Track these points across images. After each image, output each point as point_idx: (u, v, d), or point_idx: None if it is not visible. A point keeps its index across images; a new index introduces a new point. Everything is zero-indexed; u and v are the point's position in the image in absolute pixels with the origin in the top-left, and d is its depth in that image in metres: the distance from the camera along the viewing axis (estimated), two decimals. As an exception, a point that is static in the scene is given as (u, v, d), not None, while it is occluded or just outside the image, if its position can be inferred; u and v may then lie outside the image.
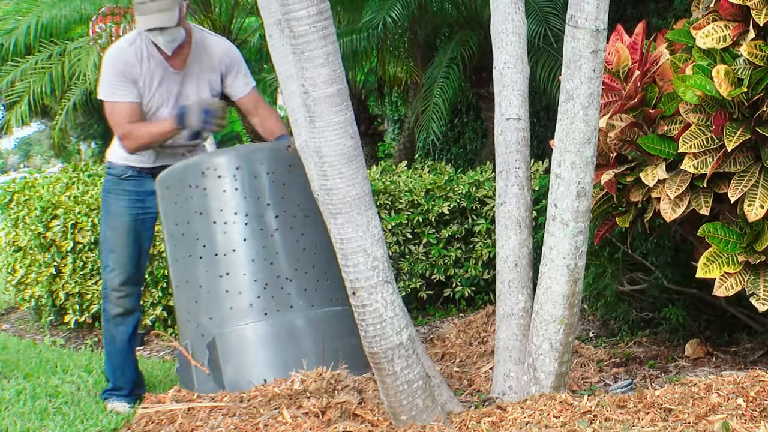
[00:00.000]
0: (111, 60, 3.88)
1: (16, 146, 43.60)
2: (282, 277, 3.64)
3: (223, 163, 3.72)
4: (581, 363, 4.24)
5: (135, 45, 3.88)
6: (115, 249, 3.96)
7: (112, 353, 4.06)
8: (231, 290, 3.63)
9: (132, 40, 3.90)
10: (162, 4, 3.76)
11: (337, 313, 3.70)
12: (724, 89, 3.50)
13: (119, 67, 3.85)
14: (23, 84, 8.57)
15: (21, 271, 6.18)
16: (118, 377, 4.06)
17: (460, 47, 7.34)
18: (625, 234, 4.42)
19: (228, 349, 3.61)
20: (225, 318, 3.63)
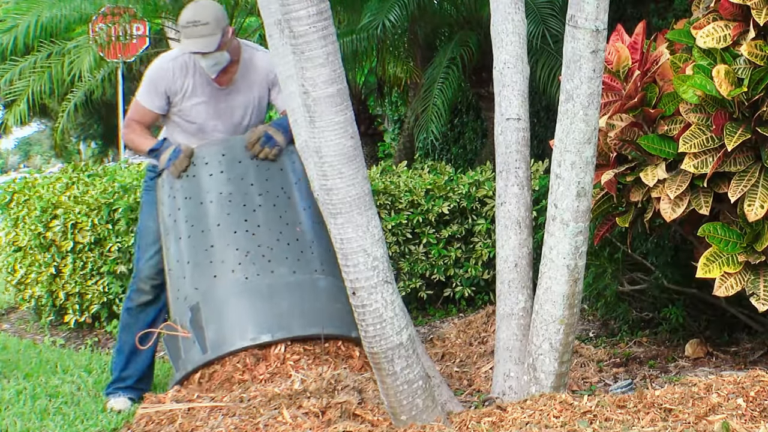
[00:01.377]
0: (154, 68, 4.07)
1: (16, 146, 43.62)
2: (263, 246, 3.76)
3: (209, 152, 3.92)
4: (581, 363, 4.23)
5: (181, 59, 4.01)
6: (157, 238, 4.00)
7: (125, 343, 4.10)
8: (215, 260, 3.76)
9: (177, 54, 4.04)
10: (204, 30, 3.88)
11: (321, 280, 3.81)
12: (725, 89, 3.50)
13: (154, 78, 4.04)
14: (22, 83, 8.57)
15: (21, 271, 6.18)
16: (125, 368, 4.08)
17: (459, 47, 7.34)
18: (625, 234, 4.42)
19: (210, 311, 3.71)
20: (209, 285, 3.75)
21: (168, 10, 8.24)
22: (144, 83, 4.07)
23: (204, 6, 3.97)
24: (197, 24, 3.88)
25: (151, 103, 4.05)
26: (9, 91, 8.73)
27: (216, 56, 3.93)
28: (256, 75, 4.10)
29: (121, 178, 5.90)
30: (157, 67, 4.06)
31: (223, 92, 4.07)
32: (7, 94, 8.85)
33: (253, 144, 3.90)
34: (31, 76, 8.51)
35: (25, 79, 8.56)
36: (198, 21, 3.88)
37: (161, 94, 4.03)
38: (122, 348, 4.12)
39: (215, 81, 4.04)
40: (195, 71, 4.02)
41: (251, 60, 4.10)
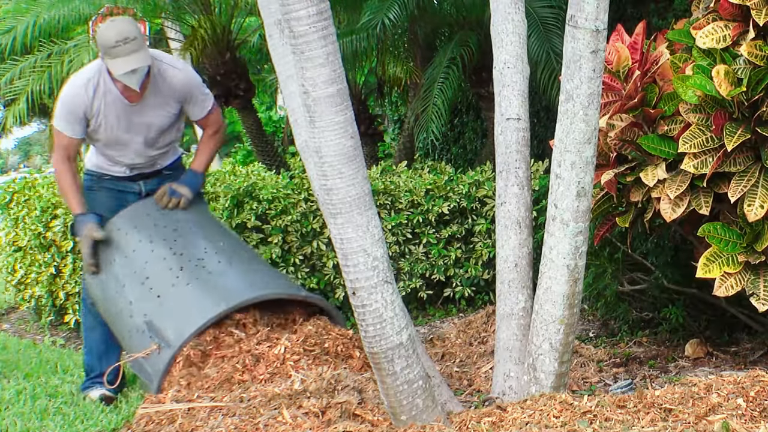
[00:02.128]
0: (66, 96, 4.05)
1: (16, 146, 43.60)
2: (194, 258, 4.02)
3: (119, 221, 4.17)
4: (581, 363, 4.24)
5: (91, 83, 4.01)
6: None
7: (95, 341, 4.21)
8: (154, 285, 3.95)
9: (89, 78, 4.02)
10: (134, 45, 3.89)
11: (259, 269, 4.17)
12: (724, 89, 3.50)
13: (70, 106, 4.03)
14: (21, 82, 8.56)
15: (21, 271, 6.18)
16: (102, 365, 4.15)
17: (459, 47, 7.33)
18: (625, 234, 4.42)
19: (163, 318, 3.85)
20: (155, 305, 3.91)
21: (168, 10, 8.25)
22: (61, 112, 4.06)
23: (124, 22, 3.99)
24: (127, 41, 3.88)
25: (74, 132, 4.07)
26: (9, 90, 8.73)
27: (142, 69, 3.95)
28: (168, 89, 4.12)
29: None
30: (71, 95, 4.04)
31: (134, 108, 4.08)
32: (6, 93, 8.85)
33: (161, 198, 4.15)
34: (31, 75, 8.50)
35: (25, 78, 8.55)
36: (127, 37, 3.88)
37: (81, 119, 4.04)
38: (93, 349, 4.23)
39: (125, 96, 4.05)
40: (105, 91, 4.02)
41: (161, 74, 4.11)
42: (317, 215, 5.54)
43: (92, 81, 4.01)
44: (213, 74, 7.92)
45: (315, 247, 5.56)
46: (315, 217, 5.56)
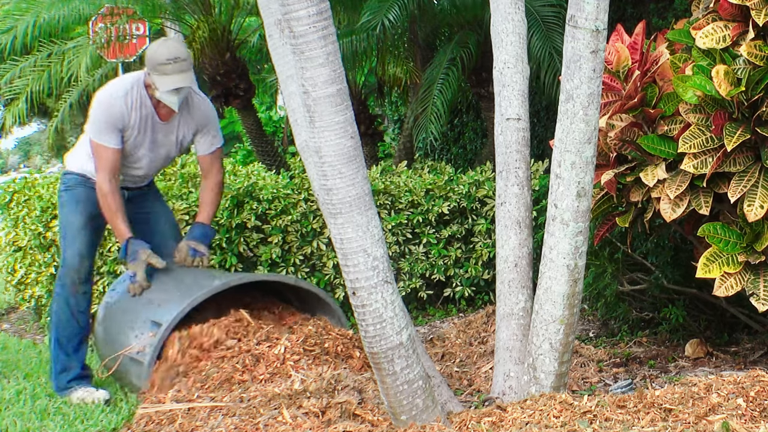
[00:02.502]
0: (104, 106, 4.07)
1: (16, 146, 43.58)
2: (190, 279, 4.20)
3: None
4: (581, 363, 4.24)
5: (130, 95, 4.07)
6: (84, 229, 4.18)
7: (72, 337, 4.19)
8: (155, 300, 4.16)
9: (128, 90, 4.07)
10: (184, 65, 4.00)
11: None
12: (724, 89, 3.50)
13: (109, 116, 4.05)
14: (21, 81, 8.57)
15: (21, 271, 6.18)
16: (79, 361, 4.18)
17: (459, 48, 7.33)
18: (625, 234, 4.42)
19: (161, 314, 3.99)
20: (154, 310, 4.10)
21: (168, 10, 8.24)
22: (101, 124, 4.06)
23: (176, 42, 4.12)
24: (177, 60, 3.98)
25: (116, 142, 4.08)
26: (8, 89, 8.73)
27: (186, 90, 4.05)
28: (189, 116, 4.24)
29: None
30: (109, 105, 4.05)
31: (162, 126, 4.18)
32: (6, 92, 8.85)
33: (185, 260, 4.24)
34: (31, 75, 8.50)
35: (25, 78, 8.56)
36: (178, 57, 3.98)
37: (119, 131, 4.07)
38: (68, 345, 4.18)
39: (159, 114, 4.13)
40: (141, 105, 4.09)
41: (190, 99, 4.23)
42: (317, 215, 5.54)
43: (130, 93, 4.07)
44: (213, 74, 7.91)
45: (315, 247, 5.56)
46: (315, 217, 5.56)
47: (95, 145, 4.08)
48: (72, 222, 4.22)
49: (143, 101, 4.09)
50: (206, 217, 4.35)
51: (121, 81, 4.17)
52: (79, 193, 4.23)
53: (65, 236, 4.25)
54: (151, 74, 4.01)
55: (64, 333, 4.20)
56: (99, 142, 4.07)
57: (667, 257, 4.68)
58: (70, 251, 4.19)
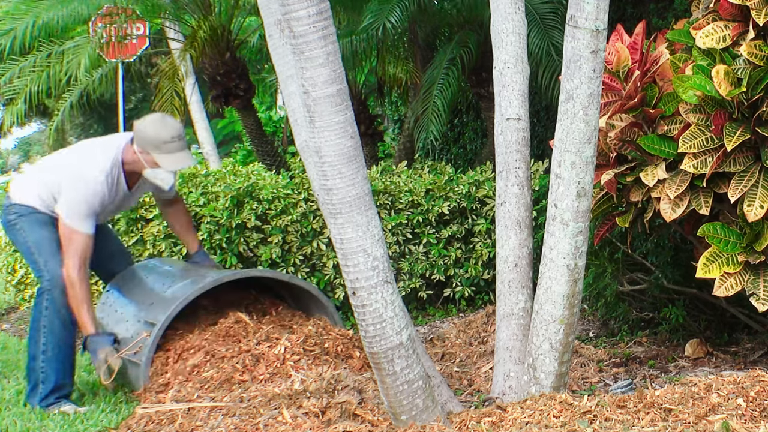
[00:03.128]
0: (86, 192, 3.96)
1: (16, 146, 43.57)
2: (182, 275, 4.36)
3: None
4: (581, 363, 4.24)
5: (109, 176, 4.03)
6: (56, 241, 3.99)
7: (62, 348, 4.00)
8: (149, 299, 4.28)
9: (107, 172, 4.02)
10: (184, 143, 4.06)
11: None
12: (724, 89, 3.50)
13: (91, 204, 3.97)
14: (20, 82, 8.57)
15: (21, 271, 6.18)
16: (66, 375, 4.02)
17: (459, 48, 7.33)
18: (625, 234, 4.42)
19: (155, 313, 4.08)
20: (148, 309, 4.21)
21: (168, 10, 8.24)
22: (80, 209, 3.93)
23: (172, 119, 4.14)
24: (180, 138, 4.02)
25: (92, 228, 3.98)
26: (8, 89, 8.73)
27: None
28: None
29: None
30: (93, 193, 3.96)
31: (127, 194, 4.21)
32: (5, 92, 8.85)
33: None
34: (30, 75, 8.50)
35: (24, 78, 8.56)
36: (180, 135, 4.03)
37: (96, 215, 4.01)
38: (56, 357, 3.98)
39: (128, 185, 4.15)
40: (117, 182, 4.08)
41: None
42: (317, 215, 5.54)
43: (110, 175, 4.03)
44: (213, 74, 7.92)
45: (315, 247, 5.56)
46: (315, 217, 5.56)
47: (69, 229, 3.94)
48: (42, 235, 4.05)
49: (119, 179, 4.08)
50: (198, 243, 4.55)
51: (101, 161, 4.03)
52: (36, 218, 4.08)
53: (41, 251, 4.04)
54: (151, 153, 3.98)
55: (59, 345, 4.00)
56: (75, 228, 3.93)
57: (667, 257, 4.68)
58: (53, 262, 3.99)
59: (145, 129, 3.99)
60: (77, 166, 4.03)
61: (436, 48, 8.35)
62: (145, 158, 4.01)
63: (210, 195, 5.56)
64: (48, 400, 3.94)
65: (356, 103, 9.13)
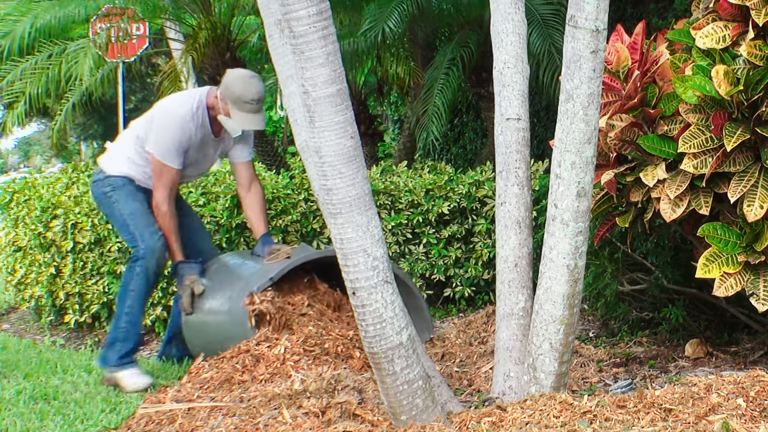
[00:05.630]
0: (173, 127, 4.21)
1: (16, 146, 43.60)
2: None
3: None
4: (581, 363, 4.24)
5: (195, 116, 4.24)
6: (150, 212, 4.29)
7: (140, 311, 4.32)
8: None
9: (194, 112, 4.23)
10: (261, 106, 4.20)
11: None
12: (723, 89, 3.50)
13: (179, 137, 4.21)
14: (21, 84, 8.56)
15: (21, 271, 6.18)
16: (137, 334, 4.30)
17: (459, 48, 7.33)
18: (625, 234, 4.42)
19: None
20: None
21: (168, 10, 8.25)
22: (168, 145, 4.18)
23: (259, 81, 4.24)
24: (260, 101, 4.17)
25: (180, 164, 4.24)
26: (8, 92, 8.73)
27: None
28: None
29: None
30: (179, 128, 4.18)
31: (213, 141, 4.35)
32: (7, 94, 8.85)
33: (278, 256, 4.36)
34: (31, 77, 8.50)
35: (25, 80, 8.55)
36: (261, 99, 4.18)
37: (184, 152, 4.22)
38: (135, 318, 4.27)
39: (213, 131, 4.30)
40: (201, 124, 4.26)
41: None
42: (317, 215, 5.54)
43: (196, 115, 4.22)
44: (213, 74, 7.91)
45: (315, 247, 5.56)
46: (315, 217, 5.56)
47: (160, 164, 4.20)
48: (136, 207, 4.31)
49: (203, 120, 4.25)
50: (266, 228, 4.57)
51: (187, 100, 4.28)
52: (129, 188, 4.35)
53: (137, 224, 4.30)
54: (228, 104, 4.15)
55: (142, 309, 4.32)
56: (165, 163, 4.19)
57: (667, 257, 4.68)
58: (148, 233, 4.26)
59: (233, 82, 4.19)
60: (166, 106, 4.29)
61: (436, 48, 8.36)
62: (222, 106, 4.19)
63: (210, 195, 5.56)
64: (125, 359, 4.22)
65: (356, 103, 9.14)
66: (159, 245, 4.27)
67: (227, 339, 4.11)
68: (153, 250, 4.25)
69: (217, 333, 4.25)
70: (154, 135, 4.21)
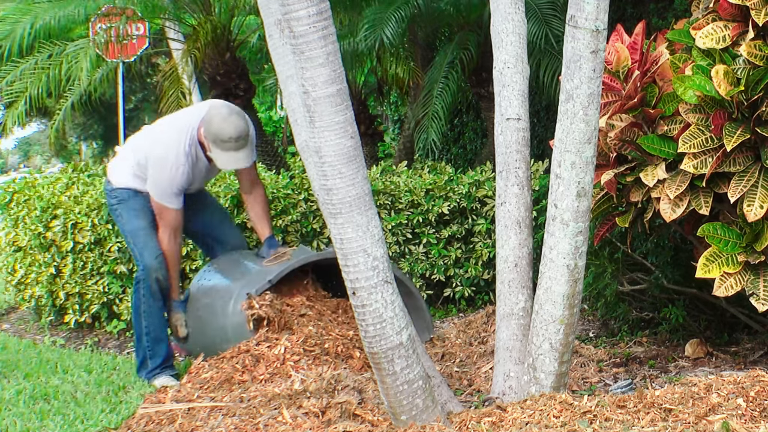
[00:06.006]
0: (168, 171, 4.23)
1: (16, 146, 43.59)
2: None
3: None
4: (581, 363, 4.24)
5: (190, 156, 4.27)
6: (152, 229, 4.36)
7: (160, 326, 4.40)
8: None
9: (187, 151, 4.26)
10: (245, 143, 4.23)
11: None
12: (723, 89, 3.50)
13: (175, 182, 4.24)
14: (20, 84, 8.56)
15: (21, 271, 6.18)
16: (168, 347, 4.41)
17: (459, 48, 7.33)
18: (625, 234, 4.42)
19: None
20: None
21: (168, 10, 8.25)
22: (165, 189, 4.24)
23: (240, 117, 4.21)
24: (239, 140, 4.16)
25: (180, 203, 4.29)
26: (8, 92, 8.72)
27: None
28: None
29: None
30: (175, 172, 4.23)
31: (210, 167, 4.40)
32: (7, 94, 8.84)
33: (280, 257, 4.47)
34: (31, 77, 8.50)
35: (25, 80, 8.55)
36: (240, 137, 4.16)
37: (182, 191, 4.28)
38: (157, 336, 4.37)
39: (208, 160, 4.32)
40: (197, 159, 4.30)
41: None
42: (317, 215, 5.54)
43: (190, 155, 4.26)
44: (213, 74, 7.91)
45: (315, 247, 5.55)
46: (315, 217, 5.56)
47: (159, 206, 4.28)
48: (138, 226, 4.38)
49: (198, 154, 4.29)
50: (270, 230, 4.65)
51: (179, 139, 4.28)
52: (134, 203, 4.40)
53: (136, 242, 4.39)
54: (210, 145, 4.19)
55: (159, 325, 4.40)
56: (164, 205, 4.26)
57: (667, 257, 4.68)
58: (147, 252, 4.34)
59: (211, 120, 4.20)
60: (159, 151, 4.28)
61: (436, 48, 8.35)
62: (206, 143, 4.23)
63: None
64: (154, 372, 4.33)
65: (356, 103, 9.14)
66: (156, 264, 4.33)
67: (225, 341, 4.13)
68: (150, 270, 4.33)
69: (215, 336, 4.28)
70: (151, 179, 4.29)
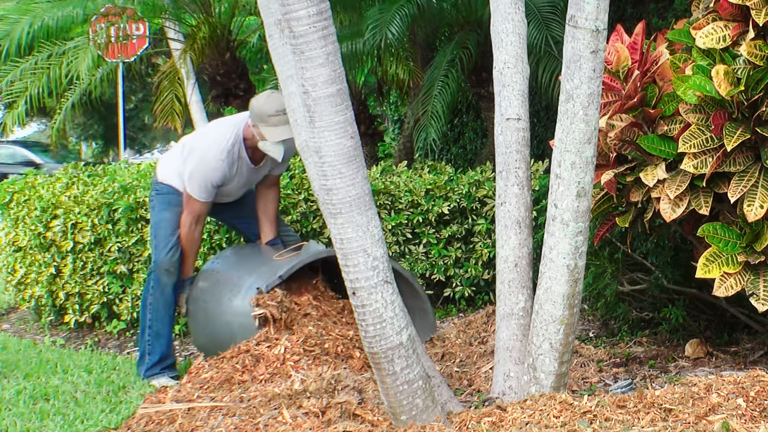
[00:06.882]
0: (207, 169, 4.32)
1: (16, 146, 43.53)
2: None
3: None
4: (581, 363, 4.24)
5: (231, 154, 4.35)
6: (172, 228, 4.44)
7: (164, 322, 4.46)
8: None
9: (229, 149, 4.34)
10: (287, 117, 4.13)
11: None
12: (724, 89, 3.50)
13: (212, 178, 4.32)
14: (21, 84, 8.56)
15: (21, 271, 6.18)
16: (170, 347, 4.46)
17: (459, 48, 7.32)
18: (625, 234, 4.42)
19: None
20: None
21: (168, 10, 8.25)
22: (201, 183, 4.32)
23: (279, 95, 4.22)
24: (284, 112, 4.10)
25: (209, 196, 4.37)
26: (8, 92, 8.73)
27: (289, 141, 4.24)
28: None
29: (121, 178, 5.89)
30: (213, 168, 4.30)
31: (254, 169, 4.48)
32: (7, 94, 8.85)
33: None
34: (31, 77, 8.50)
35: (25, 80, 8.55)
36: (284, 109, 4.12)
37: (216, 187, 4.36)
38: (160, 331, 4.43)
39: (252, 161, 4.42)
40: (238, 158, 4.38)
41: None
42: (317, 215, 5.54)
43: (231, 153, 4.33)
44: (213, 74, 7.92)
45: (315, 247, 5.56)
46: (315, 217, 5.56)
47: (188, 195, 4.37)
48: (162, 218, 4.48)
49: (240, 154, 4.36)
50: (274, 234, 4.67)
51: (223, 138, 4.36)
52: (171, 198, 4.50)
53: (156, 234, 4.50)
54: (258, 125, 4.24)
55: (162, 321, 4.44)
56: (194, 196, 4.35)
57: (667, 257, 4.68)
58: (161, 246, 4.44)
59: (255, 104, 4.31)
60: (204, 146, 4.38)
61: (436, 48, 8.35)
62: (256, 132, 4.29)
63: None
64: (152, 371, 4.39)
65: (356, 103, 9.13)
66: (167, 259, 4.42)
67: (230, 338, 4.14)
68: (160, 264, 4.42)
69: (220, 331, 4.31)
70: (188, 173, 4.38)
